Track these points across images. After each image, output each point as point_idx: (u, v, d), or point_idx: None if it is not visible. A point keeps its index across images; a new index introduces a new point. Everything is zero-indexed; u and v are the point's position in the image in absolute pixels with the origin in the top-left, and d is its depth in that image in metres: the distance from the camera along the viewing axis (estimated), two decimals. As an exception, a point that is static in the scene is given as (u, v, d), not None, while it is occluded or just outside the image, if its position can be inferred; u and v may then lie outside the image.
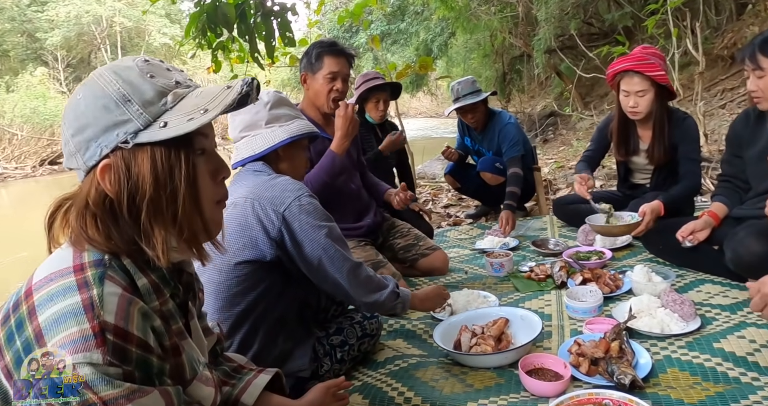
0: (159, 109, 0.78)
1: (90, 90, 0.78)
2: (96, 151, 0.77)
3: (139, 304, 0.74)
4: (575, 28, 7.62)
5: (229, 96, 0.79)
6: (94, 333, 0.67)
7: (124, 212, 0.77)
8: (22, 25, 24.35)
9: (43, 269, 0.75)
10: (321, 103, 2.30)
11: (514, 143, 3.24)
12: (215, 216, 0.87)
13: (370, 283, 1.55)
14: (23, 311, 0.71)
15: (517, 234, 3.03)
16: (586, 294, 1.91)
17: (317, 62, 2.25)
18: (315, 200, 1.48)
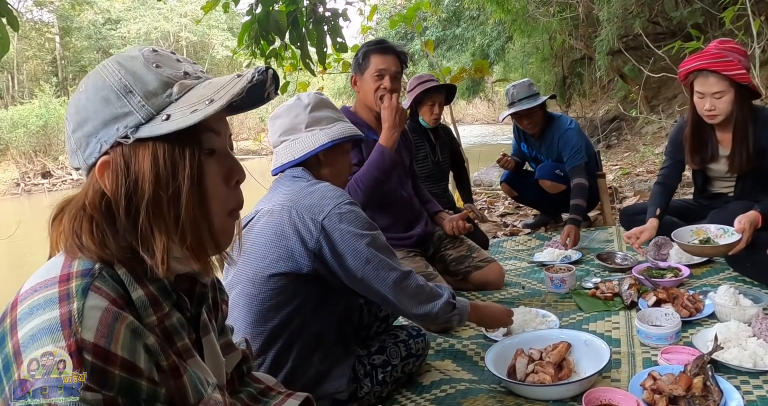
0: (163, 101, 0.70)
1: (92, 81, 0.72)
2: (96, 148, 0.70)
3: (127, 319, 0.65)
4: (640, 27, 7.20)
5: (238, 85, 0.70)
6: (69, 353, 0.60)
7: (121, 214, 0.70)
8: (97, 42, 26.04)
9: (31, 279, 0.69)
10: (371, 102, 2.22)
11: (576, 150, 3.02)
12: (226, 225, 0.77)
13: (421, 293, 1.42)
14: (6, 324, 0.64)
15: (580, 246, 2.81)
16: (660, 317, 1.69)
17: (364, 62, 2.19)
18: (356, 208, 1.38)
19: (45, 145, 18.81)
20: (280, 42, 3.99)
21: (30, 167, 18.32)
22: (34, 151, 18.58)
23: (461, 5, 11.38)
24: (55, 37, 25.49)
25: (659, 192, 2.50)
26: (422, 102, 2.95)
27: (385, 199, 2.22)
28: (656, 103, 9.10)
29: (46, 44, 25.33)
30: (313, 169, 1.49)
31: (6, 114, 19.24)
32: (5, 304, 0.69)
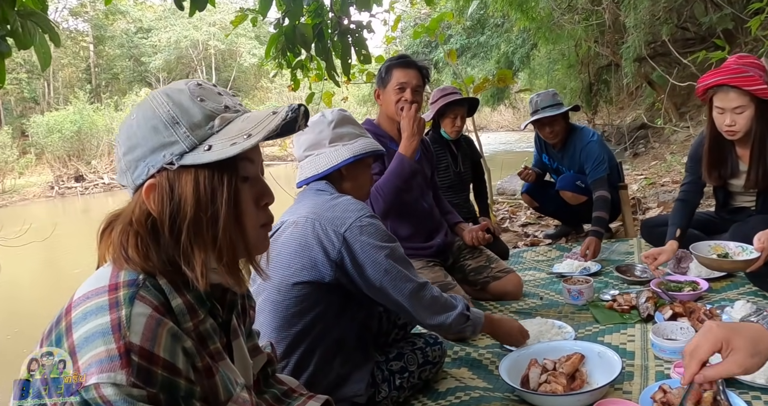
0: (205, 133, 0.78)
1: (142, 111, 0.81)
2: (143, 171, 0.79)
3: (168, 325, 0.74)
4: (668, 33, 7.12)
5: (273, 122, 0.78)
6: (119, 354, 0.68)
7: (165, 232, 0.78)
8: (129, 50, 26.83)
9: (83, 287, 0.77)
10: (392, 114, 2.29)
11: (599, 163, 3.03)
12: (260, 237, 0.86)
13: (435, 304, 1.49)
14: (62, 327, 0.73)
15: (600, 258, 2.82)
16: (676, 331, 1.71)
17: (387, 76, 2.27)
18: (376, 221, 1.45)
19: (78, 150, 19.40)
20: (306, 54, 4.10)
21: (64, 171, 18.91)
22: (68, 156, 19.17)
23: (485, 13, 11.39)
24: (89, 46, 26.33)
25: (680, 209, 2.47)
26: (444, 114, 3.01)
27: (405, 209, 2.27)
28: (685, 110, 8.95)
29: (81, 52, 26.17)
30: (335, 183, 1.56)
31: (42, 120, 19.92)
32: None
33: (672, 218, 2.48)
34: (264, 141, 0.89)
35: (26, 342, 4.46)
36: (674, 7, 7.83)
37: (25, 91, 23.40)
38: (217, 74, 27.19)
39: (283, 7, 3.64)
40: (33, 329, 4.88)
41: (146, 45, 26.66)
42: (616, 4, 8.40)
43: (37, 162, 19.86)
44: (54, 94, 24.59)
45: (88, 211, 15.16)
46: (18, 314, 5.63)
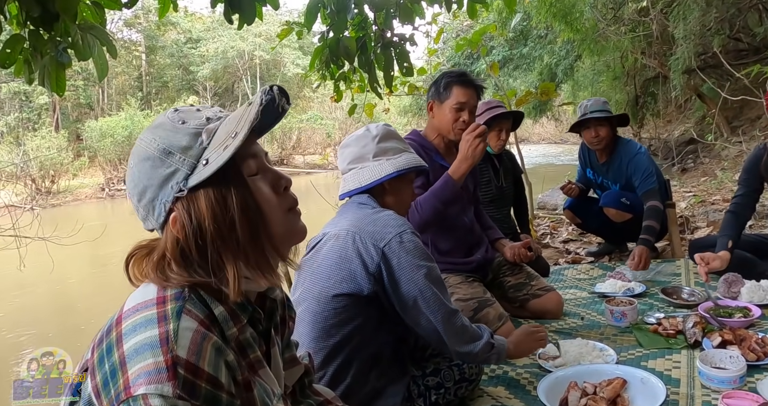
0: (198, 151, 0.80)
1: (137, 156, 0.83)
2: (161, 209, 0.81)
3: (213, 339, 0.76)
4: (719, 45, 6.87)
5: (252, 112, 0.80)
6: (166, 366, 0.70)
7: (194, 254, 0.80)
8: (179, 60, 27.82)
9: (132, 299, 0.81)
10: (445, 131, 2.26)
11: (648, 174, 2.95)
12: (291, 223, 0.87)
13: (465, 332, 1.48)
14: (113, 337, 0.76)
15: (645, 279, 2.73)
16: (725, 360, 1.64)
17: (445, 92, 2.22)
18: (417, 238, 1.45)
19: (128, 154, 20.05)
20: (349, 66, 4.16)
21: (114, 174, 19.70)
22: (119, 159, 19.97)
23: (528, 25, 11.30)
24: (141, 55, 27.46)
25: (731, 221, 2.39)
26: (489, 128, 2.99)
27: (447, 223, 2.26)
28: (737, 125, 8.61)
29: (133, 61, 27.29)
30: (378, 197, 1.58)
31: (96, 125, 20.86)
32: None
33: (723, 230, 2.40)
34: (259, 134, 0.90)
35: (74, 337, 4.65)
36: (726, 17, 7.56)
37: (81, 98, 24.57)
38: (261, 83, 27.83)
39: (328, 20, 3.71)
40: (81, 326, 5.09)
41: (195, 55, 27.59)
42: (665, 14, 8.19)
43: (90, 165, 20.78)
44: (108, 100, 25.72)
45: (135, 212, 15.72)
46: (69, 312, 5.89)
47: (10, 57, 2.55)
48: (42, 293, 6.50)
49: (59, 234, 5.63)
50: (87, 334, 4.27)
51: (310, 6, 3.52)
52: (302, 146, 25.92)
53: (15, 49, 2.54)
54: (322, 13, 3.65)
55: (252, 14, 3.01)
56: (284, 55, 27.21)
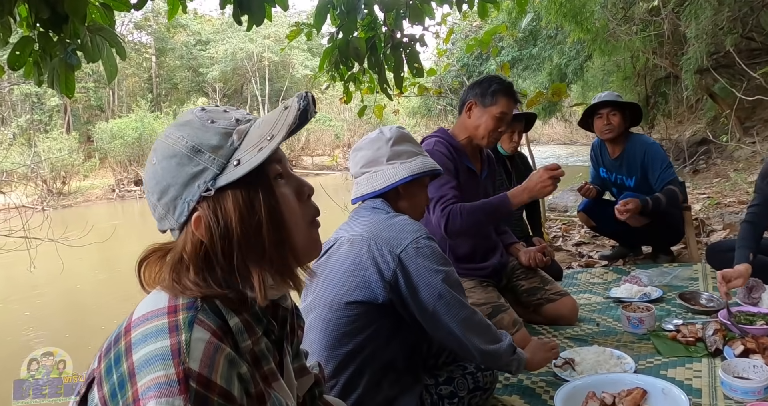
0: (229, 150, 0.79)
1: (161, 153, 0.81)
2: (183, 208, 0.79)
3: (226, 351, 0.74)
4: (732, 44, 6.76)
5: (289, 116, 0.78)
6: (178, 379, 0.68)
7: (219, 257, 0.78)
8: (188, 62, 27.99)
9: (142, 307, 0.78)
10: (479, 136, 2.20)
11: (668, 166, 2.92)
12: (311, 235, 0.85)
13: (488, 332, 1.45)
14: (122, 346, 0.74)
15: (662, 283, 2.68)
16: (748, 369, 1.59)
17: (492, 98, 2.17)
18: (433, 243, 1.42)
19: (139, 156, 20.32)
20: (359, 67, 4.13)
21: (124, 175, 19.85)
22: (129, 161, 20.13)
23: (538, 25, 11.22)
24: (151, 57, 27.65)
25: (748, 231, 2.30)
26: None
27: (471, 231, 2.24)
28: (750, 125, 8.49)
29: (144, 63, 27.49)
30: (392, 201, 1.54)
31: (106, 126, 21.03)
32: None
33: (741, 241, 2.31)
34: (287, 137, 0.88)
35: (86, 338, 4.66)
36: (739, 15, 7.46)
37: (92, 99, 24.78)
38: (270, 85, 27.94)
39: (338, 21, 3.69)
40: (90, 328, 5.10)
41: (204, 57, 27.75)
42: (676, 13, 8.10)
43: (101, 166, 20.95)
44: (118, 102, 25.92)
45: (145, 214, 15.83)
46: (79, 313, 5.91)
47: (19, 59, 2.55)
48: (52, 295, 6.53)
49: (69, 236, 5.64)
50: (94, 336, 4.28)
51: (320, 7, 3.50)
52: (311, 147, 25.97)
53: (25, 51, 2.54)
54: (332, 13, 3.62)
55: (261, 15, 2.99)
56: (293, 57, 27.29)
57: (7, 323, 5.83)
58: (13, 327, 5.62)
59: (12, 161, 15.90)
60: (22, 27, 2.72)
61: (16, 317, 6.00)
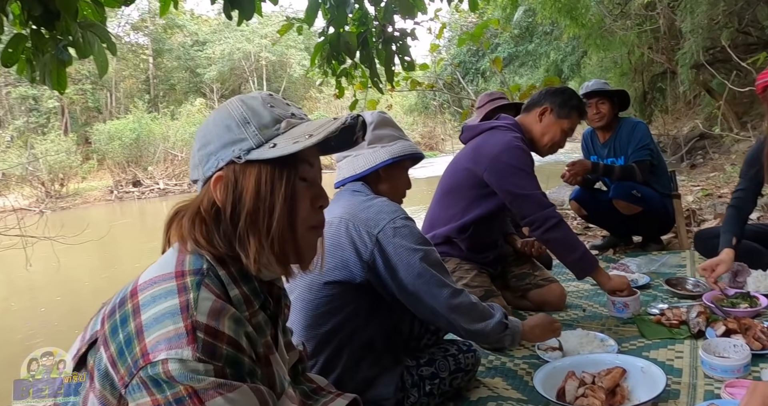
0: (272, 133, 0.85)
1: (219, 113, 0.89)
2: (213, 164, 0.85)
3: (231, 310, 0.78)
4: (728, 38, 6.77)
5: (333, 125, 0.85)
6: (186, 331, 0.72)
7: (226, 219, 0.84)
8: (186, 62, 28.00)
9: (148, 272, 0.82)
10: (543, 144, 2.24)
11: (643, 146, 3.01)
12: (309, 239, 0.91)
13: (473, 311, 1.46)
14: (128, 308, 0.77)
15: (650, 270, 2.69)
16: (728, 349, 1.60)
17: (570, 111, 2.20)
18: (411, 223, 1.43)
19: (136, 157, 20.34)
20: (351, 62, 4.15)
21: (123, 176, 19.87)
22: (127, 162, 20.14)
23: (534, 21, 11.23)
24: (149, 59, 27.65)
25: (734, 216, 2.32)
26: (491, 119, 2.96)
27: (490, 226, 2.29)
28: (747, 120, 8.50)
29: (141, 65, 27.51)
30: (372, 184, 1.56)
31: (104, 128, 21.05)
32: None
33: (725, 226, 2.32)
34: (324, 152, 0.98)
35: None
36: (735, 10, 7.47)
37: (90, 101, 24.80)
38: (268, 85, 27.94)
39: (329, 15, 3.70)
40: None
41: (201, 57, 27.76)
42: (672, 8, 8.11)
43: (99, 167, 20.97)
44: (116, 103, 25.93)
45: (144, 214, 15.84)
46: (78, 309, 5.93)
47: (12, 56, 2.56)
48: (49, 293, 6.55)
49: (65, 234, 5.66)
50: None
51: (311, 1, 3.52)
52: (309, 147, 25.93)
53: (17, 49, 2.55)
54: (323, 8, 3.64)
55: (251, 10, 3.00)
56: (290, 56, 27.31)
57: (7, 322, 5.85)
58: (12, 326, 5.63)
59: (9, 164, 15.92)
60: (15, 25, 2.74)
61: (15, 316, 6.02)
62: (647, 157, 2.96)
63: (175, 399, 0.70)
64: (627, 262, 2.79)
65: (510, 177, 2.09)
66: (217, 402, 0.71)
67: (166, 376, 0.70)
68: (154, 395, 0.71)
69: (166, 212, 0.90)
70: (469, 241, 2.27)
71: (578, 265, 2.05)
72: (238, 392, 0.73)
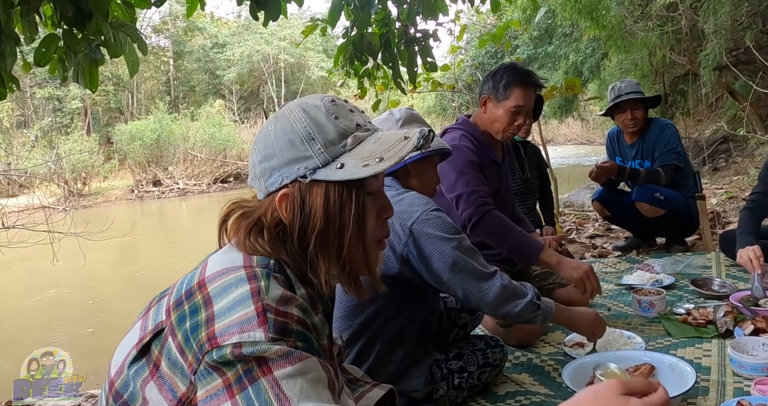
0: (338, 150, 0.82)
1: (280, 124, 0.85)
2: (277, 180, 0.83)
3: (298, 301, 0.79)
4: (752, 39, 6.66)
5: (405, 148, 0.82)
6: (256, 313, 0.72)
7: (294, 240, 0.83)
8: (205, 64, 28.31)
9: (214, 264, 0.82)
10: (495, 131, 2.17)
11: (670, 149, 2.98)
12: (377, 253, 0.91)
13: (505, 292, 1.46)
14: (198, 300, 0.77)
15: (675, 271, 2.67)
16: (757, 347, 1.60)
17: (504, 91, 2.10)
18: (442, 213, 1.46)
19: (157, 157, 20.60)
20: (373, 62, 4.19)
21: (143, 176, 20.12)
22: (148, 162, 20.39)
23: (553, 22, 11.18)
24: (169, 61, 28.02)
25: (748, 217, 2.30)
26: None
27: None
28: (772, 122, 8.36)
29: (162, 66, 27.87)
30: (401, 180, 1.59)
31: (125, 128, 21.35)
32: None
33: (742, 227, 2.31)
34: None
35: (107, 333, 4.77)
36: (759, 11, 7.34)
37: (112, 102, 25.20)
38: (286, 87, 28.15)
39: (352, 16, 3.74)
40: (112, 321, 5.21)
41: (221, 59, 28.04)
42: (694, 9, 8.00)
43: (120, 167, 21.27)
44: (137, 104, 26.31)
45: (163, 214, 16.06)
46: (99, 306, 6.04)
47: (45, 56, 2.64)
48: (74, 289, 6.69)
49: (90, 230, 5.79)
50: (104, 334, 4.38)
51: (335, 2, 3.56)
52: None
53: (50, 48, 2.62)
54: (346, 9, 3.68)
55: (277, 11, 3.05)
56: (309, 59, 27.46)
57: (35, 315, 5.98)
58: (39, 318, 5.77)
59: (34, 163, 16.26)
60: (47, 25, 2.82)
61: (40, 310, 6.16)
62: (674, 161, 2.94)
63: (245, 371, 0.70)
64: (651, 262, 2.78)
65: (445, 181, 2.04)
66: (286, 371, 0.70)
67: (233, 355, 0.70)
68: (225, 374, 0.71)
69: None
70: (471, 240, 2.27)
71: (515, 253, 2.00)
72: (308, 361, 0.72)
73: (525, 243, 1.98)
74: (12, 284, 7.62)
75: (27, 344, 3.93)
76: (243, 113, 26.24)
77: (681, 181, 3.08)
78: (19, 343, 4.58)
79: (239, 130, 23.04)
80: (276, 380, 0.69)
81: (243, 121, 24.83)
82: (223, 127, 21.64)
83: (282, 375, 0.70)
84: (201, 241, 6.83)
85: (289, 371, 0.70)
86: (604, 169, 2.88)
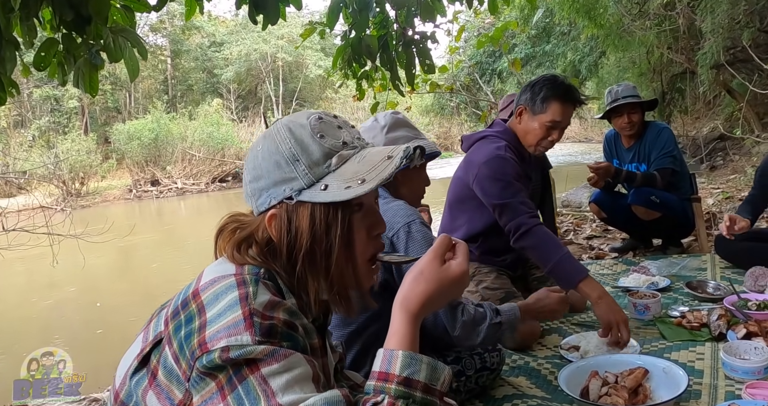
0: (322, 171, 0.83)
1: (267, 145, 0.87)
2: (266, 200, 0.86)
3: (286, 304, 0.81)
4: (749, 38, 6.69)
5: (387, 169, 0.82)
6: (243, 318, 0.75)
7: (283, 259, 0.86)
8: (203, 63, 28.28)
9: (208, 274, 0.85)
10: (528, 144, 2.17)
11: (666, 153, 2.99)
12: (367, 273, 0.91)
13: (465, 327, 1.45)
14: (193, 308, 0.80)
15: (670, 273, 2.70)
16: (749, 351, 1.63)
17: (542, 104, 2.06)
18: (425, 229, 1.48)
19: (155, 156, 20.58)
20: (371, 64, 4.20)
21: (141, 176, 20.11)
22: (146, 161, 20.38)
23: (551, 21, 11.19)
24: (167, 60, 27.96)
25: (746, 207, 2.41)
26: None
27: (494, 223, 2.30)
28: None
29: (159, 65, 27.81)
30: (390, 188, 1.59)
31: (123, 128, 21.34)
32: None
33: (740, 213, 2.41)
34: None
35: (106, 333, 4.79)
36: (756, 9, 7.37)
37: (109, 102, 25.17)
38: (284, 85, 28.13)
39: (350, 19, 3.76)
40: (112, 321, 5.23)
41: (218, 58, 28.00)
42: (692, 8, 8.03)
43: (118, 167, 21.26)
44: (135, 104, 26.27)
45: (162, 213, 16.06)
46: (100, 307, 6.06)
47: (44, 60, 2.65)
48: (74, 290, 6.71)
49: (90, 231, 5.80)
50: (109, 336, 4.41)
51: (333, 5, 3.57)
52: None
53: (49, 53, 2.64)
54: (344, 12, 3.70)
55: (276, 14, 3.07)
56: (306, 57, 27.43)
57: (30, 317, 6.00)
58: (37, 322, 5.79)
59: (32, 162, 16.25)
60: (46, 29, 2.83)
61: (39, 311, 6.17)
62: (670, 165, 2.96)
63: (234, 371, 0.73)
64: (647, 264, 2.80)
65: (489, 188, 2.06)
66: (272, 368, 0.73)
67: (221, 359, 0.73)
68: (217, 377, 0.74)
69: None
70: (483, 247, 2.31)
71: (556, 273, 1.90)
72: (292, 358, 0.75)
73: (570, 266, 1.89)
74: (12, 284, 7.64)
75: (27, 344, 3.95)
76: (241, 112, 26.22)
77: (677, 184, 3.11)
78: (19, 343, 4.61)
79: (237, 129, 23.03)
80: (263, 376, 0.73)
81: (241, 120, 24.81)
82: (221, 127, 21.63)
83: (269, 372, 0.73)
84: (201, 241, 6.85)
85: (276, 367, 0.73)
86: (601, 172, 2.89)
